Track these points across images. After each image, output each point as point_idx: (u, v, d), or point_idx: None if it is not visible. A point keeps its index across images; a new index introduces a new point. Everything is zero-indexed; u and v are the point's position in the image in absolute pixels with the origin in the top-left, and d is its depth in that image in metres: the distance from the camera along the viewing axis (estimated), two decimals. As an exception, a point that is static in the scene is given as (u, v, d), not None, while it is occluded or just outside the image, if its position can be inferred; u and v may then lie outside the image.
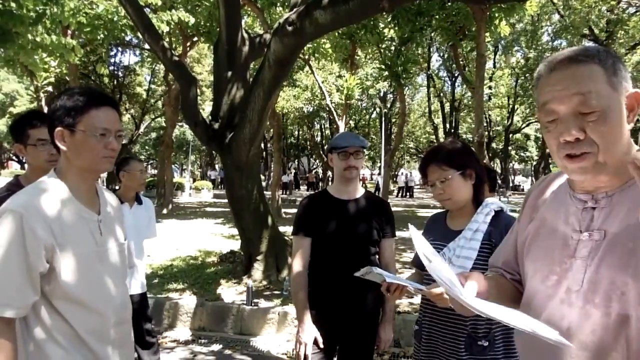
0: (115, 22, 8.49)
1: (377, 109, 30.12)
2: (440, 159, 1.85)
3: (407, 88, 28.33)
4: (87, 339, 1.37)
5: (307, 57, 15.68)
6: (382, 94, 26.21)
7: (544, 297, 1.01)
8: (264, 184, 35.62)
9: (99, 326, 1.41)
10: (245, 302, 5.08)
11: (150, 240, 3.62)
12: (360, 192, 2.43)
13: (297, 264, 2.35)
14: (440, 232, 1.94)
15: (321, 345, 2.23)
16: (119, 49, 20.80)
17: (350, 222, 2.34)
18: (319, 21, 3.94)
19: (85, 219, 1.42)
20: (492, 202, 1.86)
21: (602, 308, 0.90)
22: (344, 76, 16.71)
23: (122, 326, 1.50)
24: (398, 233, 2.55)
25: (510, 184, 36.94)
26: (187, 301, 5.21)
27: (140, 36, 5.55)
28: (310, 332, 2.22)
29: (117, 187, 3.41)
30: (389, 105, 29.45)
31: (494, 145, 30.88)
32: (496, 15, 11.27)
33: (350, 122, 28.91)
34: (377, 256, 2.42)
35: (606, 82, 0.93)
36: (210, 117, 5.62)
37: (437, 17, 11.89)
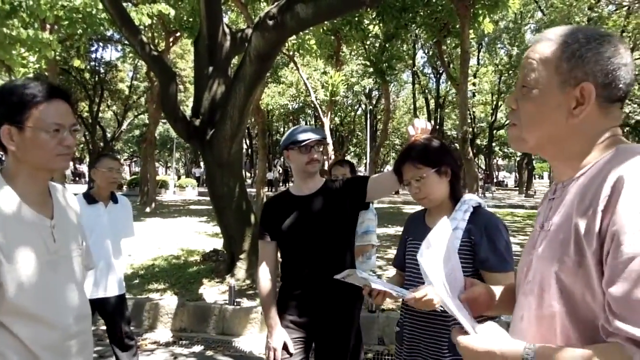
0: (93, 16, 8.28)
1: (363, 106, 30.15)
2: (414, 157, 1.81)
3: (392, 85, 28.39)
4: (42, 355, 1.25)
5: (292, 53, 15.60)
6: (367, 91, 26.25)
7: (518, 287, 1.02)
8: (249, 181, 35.49)
9: (54, 341, 1.29)
10: (227, 302, 4.99)
11: (132, 239, 3.52)
12: (320, 182, 2.33)
13: (263, 269, 2.28)
14: (420, 231, 1.89)
15: (292, 351, 2.16)
16: (100, 44, 20.42)
17: (315, 217, 2.25)
18: (300, 15, 3.86)
19: (35, 225, 1.30)
20: (470, 199, 1.82)
21: (538, 300, 0.90)
22: (329, 73, 16.65)
23: (80, 337, 1.39)
24: (383, 229, 2.49)
25: (494, 180, 37.32)
26: (168, 301, 5.10)
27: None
28: (280, 337, 2.16)
29: (91, 186, 3.30)
30: (374, 102, 29.52)
31: (478, 141, 31.16)
32: (479, 12, 11.34)
33: (336, 118, 28.89)
34: (349, 248, 2.32)
35: (554, 63, 0.89)
36: (190, 114, 5.51)
37: (422, 13, 11.93)
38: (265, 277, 2.26)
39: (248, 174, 43.91)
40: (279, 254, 2.37)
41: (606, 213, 0.77)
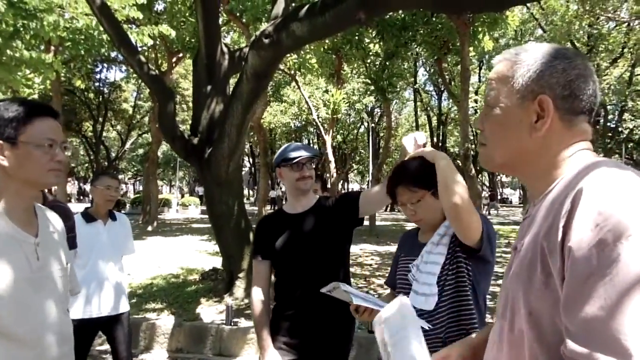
0: (95, 37, 8.39)
1: (365, 124, 30.26)
2: (408, 179, 1.75)
3: (394, 102, 28.53)
4: None
5: (293, 72, 15.72)
6: (369, 109, 26.35)
7: (497, 310, 0.98)
8: (252, 199, 35.37)
9: None
10: (224, 322, 4.92)
11: (132, 258, 3.50)
12: (314, 200, 2.32)
13: (256, 289, 2.25)
14: (411, 246, 1.87)
15: None
16: (105, 64, 20.69)
17: (309, 235, 2.22)
18: (296, 33, 3.88)
19: (19, 242, 1.28)
20: None
21: (508, 323, 0.86)
22: (331, 91, 16.74)
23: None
24: (386, 248, 2.44)
25: (499, 197, 37.10)
26: (165, 321, 5.04)
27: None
28: (273, 359, 2.11)
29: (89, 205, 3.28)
30: (376, 120, 29.62)
31: (481, 158, 31.05)
32: (479, 29, 11.41)
33: (338, 136, 28.96)
34: (345, 265, 2.30)
35: (510, 80, 0.89)
36: (189, 132, 5.52)
37: (422, 31, 12.01)
38: (258, 298, 2.23)
39: (251, 192, 43.97)
40: (273, 274, 2.33)
41: (566, 228, 0.73)
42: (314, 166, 2.28)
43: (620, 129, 24.03)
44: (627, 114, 23.98)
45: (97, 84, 22.84)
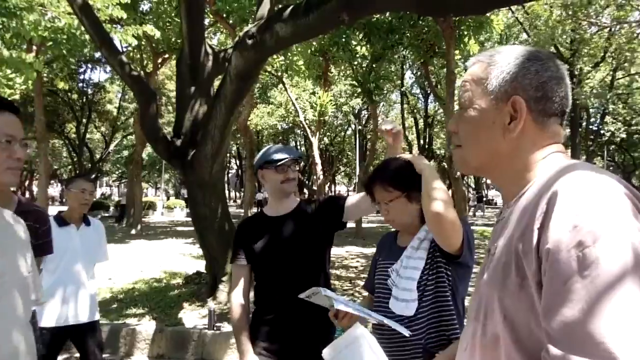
0: (78, 37, 8.24)
1: (352, 126, 30.31)
2: (385, 179, 1.73)
3: (381, 105, 28.64)
4: None
5: (280, 74, 15.67)
6: (356, 111, 26.39)
7: (469, 313, 0.96)
8: (239, 201, 35.07)
9: None
10: (207, 327, 4.84)
11: (113, 262, 3.43)
12: (295, 202, 2.28)
13: (236, 294, 2.19)
14: (389, 250, 1.85)
15: None
16: (89, 65, 20.41)
17: (289, 238, 2.18)
18: (280, 34, 3.84)
19: None
20: None
21: (481, 326, 0.84)
22: (318, 93, 16.72)
23: None
24: (372, 250, 2.42)
25: (484, 199, 37.43)
26: (146, 327, 4.94)
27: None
28: None
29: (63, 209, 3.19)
30: (363, 122, 29.69)
31: (467, 160, 31.27)
32: (465, 33, 11.49)
33: (325, 138, 28.97)
34: (326, 269, 2.26)
35: (484, 82, 0.89)
36: (171, 134, 5.44)
37: (408, 35, 12.06)
38: (237, 302, 2.18)
39: (238, 194, 43.74)
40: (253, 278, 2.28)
41: (542, 230, 0.71)
42: (297, 168, 2.25)
43: (602, 132, 24.43)
44: (608, 117, 24.41)
45: (80, 84, 22.49)
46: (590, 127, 25.10)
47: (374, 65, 13.38)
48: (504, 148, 0.88)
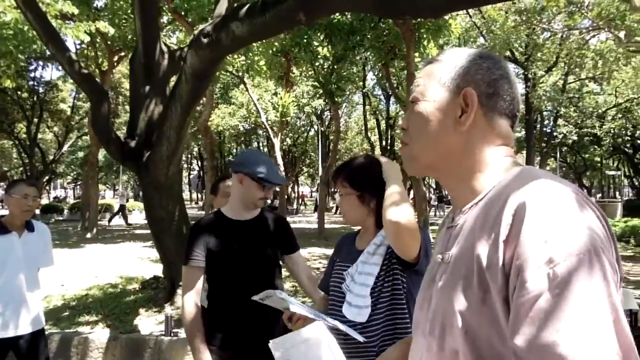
0: (25, 33, 7.85)
1: (315, 127, 30.35)
2: (344, 173, 1.77)
3: (343, 106, 28.80)
4: None
5: (241, 74, 15.49)
6: (318, 112, 26.43)
7: (417, 325, 0.91)
8: (200, 203, 34.39)
9: None
10: (164, 333, 4.71)
11: (66, 268, 3.26)
12: (257, 210, 2.28)
13: (189, 298, 2.12)
14: (348, 252, 1.83)
15: None
16: (40, 62, 19.52)
17: (250, 243, 2.17)
18: (236, 33, 3.77)
19: None
20: None
21: (438, 340, 0.79)
22: (280, 94, 16.63)
23: None
24: (332, 250, 2.44)
25: (445, 199, 38.28)
26: (99, 335, 4.76)
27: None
28: None
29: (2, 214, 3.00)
30: (326, 123, 29.77)
31: (427, 161, 31.86)
32: (424, 36, 11.71)
33: (287, 139, 28.86)
34: (280, 278, 2.28)
35: (437, 77, 0.89)
36: (125, 134, 5.26)
37: (369, 36, 12.17)
38: (192, 306, 2.10)
39: (199, 196, 42.97)
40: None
41: (508, 243, 0.68)
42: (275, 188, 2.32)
43: (555, 134, 25.44)
44: (561, 119, 25.43)
45: (30, 82, 21.50)
46: (544, 129, 26.09)
47: (335, 67, 13.44)
48: (454, 142, 0.86)
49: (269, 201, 2.44)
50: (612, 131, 24.57)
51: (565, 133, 24.71)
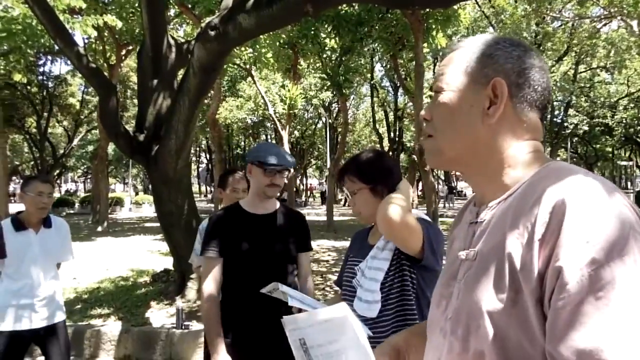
0: (34, 27, 7.87)
1: (322, 119, 30.28)
2: (352, 170, 1.75)
3: (351, 98, 28.67)
4: None
5: (249, 66, 15.45)
6: (326, 104, 26.34)
7: (435, 324, 0.87)
8: (209, 196, 34.51)
9: None
10: (175, 326, 4.74)
11: (78, 262, 3.28)
12: (275, 205, 2.30)
13: (208, 287, 2.14)
14: (360, 247, 1.83)
15: None
16: (49, 57, 19.62)
17: (267, 238, 2.19)
18: (243, 26, 3.74)
19: None
20: (416, 215, 1.72)
21: (461, 341, 0.75)
22: (287, 86, 16.58)
23: None
24: (342, 243, 2.43)
25: (454, 190, 38.10)
26: (111, 328, 4.80)
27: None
28: None
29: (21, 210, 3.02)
30: (334, 115, 29.68)
31: (436, 152, 31.67)
32: (433, 26, 11.57)
33: (295, 132, 28.82)
34: (294, 273, 2.28)
35: (464, 65, 0.83)
36: (134, 128, 5.27)
37: (377, 27, 12.07)
38: (211, 297, 2.12)
39: (208, 189, 43.16)
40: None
41: (545, 243, 0.64)
42: (286, 175, 2.25)
43: (565, 124, 25.17)
44: (571, 109, 25.14)
45: (40, 77, 21.63)
46: (555, 119, 25.82)
47: (343, 58, 13.36)
48: (482, 135, 0.81)
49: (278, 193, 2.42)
50: (624, 121, 24.27)
51: (577, 123, 24.44)
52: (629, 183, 35.77)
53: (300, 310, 1.51)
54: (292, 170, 2.31)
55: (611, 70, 24.03)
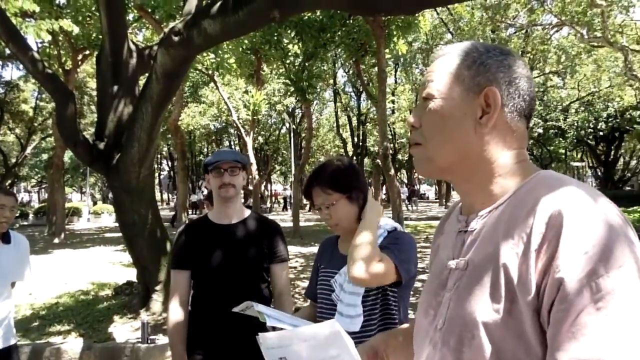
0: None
1: (286, 125, 30.22)
2: (324, 181, 1.66)
3: (315, 103, 28.76)
4: None
5: (211, 72, 15.23)
6: (290, 110, 26.32)
7: (422, 334, 0.86)
8: (172, 204, 33.70)
9: None
10: (140, 340, 4.58)
11: (34, 276, 3.08)
12: (244, 213, 2.22)
13: (174, 303, 2.09)
14: (331, 258, 1.77)
15: None
16: (-1, 62, 18.74)
17: (234, 249, 2.11)
18: (208, 31, 3.67)
19: None
20: (385, 223, 1.71)
21: (454, 353, 0.74)
22: (250, 92, 16.46)
23: None
24: (309, 249, 2.37)
25: (417, 193, 38.76)
26: (72, 345, 4.59)
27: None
28: None
29: None
30: (297, 121, 29.68)
31: (399, 157, 32.20)
32: (394, 32, 11.76)
33: (259, 138, 28.64)
34: (267, 285, 2.21)
35: (455, 72, 0.81)
36: (93, 136, 5.08)
37: (340, 33, 12.17)
38: (175, 312, 2.07)
39: (171, 197, 42.19)
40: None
41: (541, 254, 0.65)
42: (237, 173, 2.14)
43: (521, 127, 26.05)
44: (527, 113, 26.05)
45: (-11, 83, 20.65)
46: (510, 122, 26.70)
47: (306, 64, 13.38)
48: (474, 144, 0.79)
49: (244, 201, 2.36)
50: (576, 124, 25.38)
51: (532, 126, 25.36)
52: (581, 183, 37.42)
53: (274, 329, 1.48)
54: (243, 169, 2.17)
55: (562, 75, 25.12)
